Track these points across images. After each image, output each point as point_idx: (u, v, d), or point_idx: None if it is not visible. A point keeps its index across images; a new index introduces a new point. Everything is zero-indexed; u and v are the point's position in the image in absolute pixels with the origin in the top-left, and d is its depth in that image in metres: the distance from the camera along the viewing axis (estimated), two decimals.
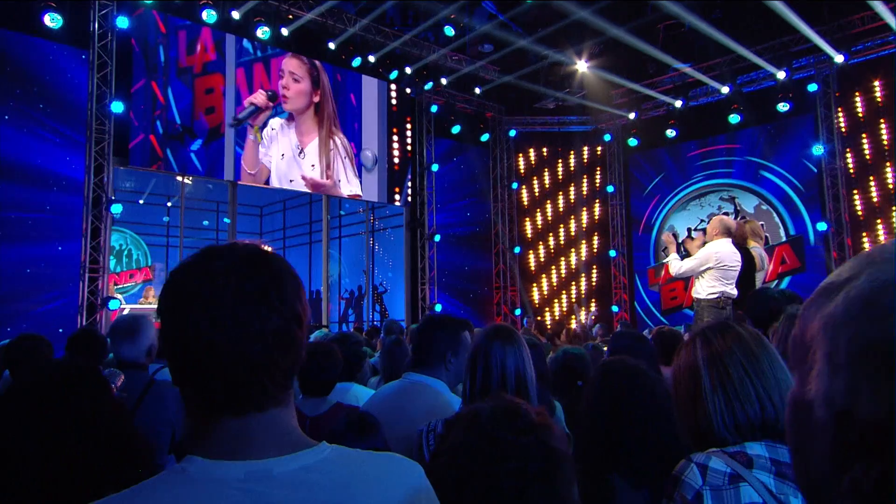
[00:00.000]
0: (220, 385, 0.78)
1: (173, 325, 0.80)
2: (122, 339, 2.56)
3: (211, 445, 0.79)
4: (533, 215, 14.72)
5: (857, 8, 10.35)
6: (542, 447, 1.06)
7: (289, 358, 0.82)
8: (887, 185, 10.68)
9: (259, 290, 0.79)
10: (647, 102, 13.29)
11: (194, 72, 9.72)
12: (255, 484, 0.76)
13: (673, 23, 11.52)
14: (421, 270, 12.51)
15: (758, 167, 12.18)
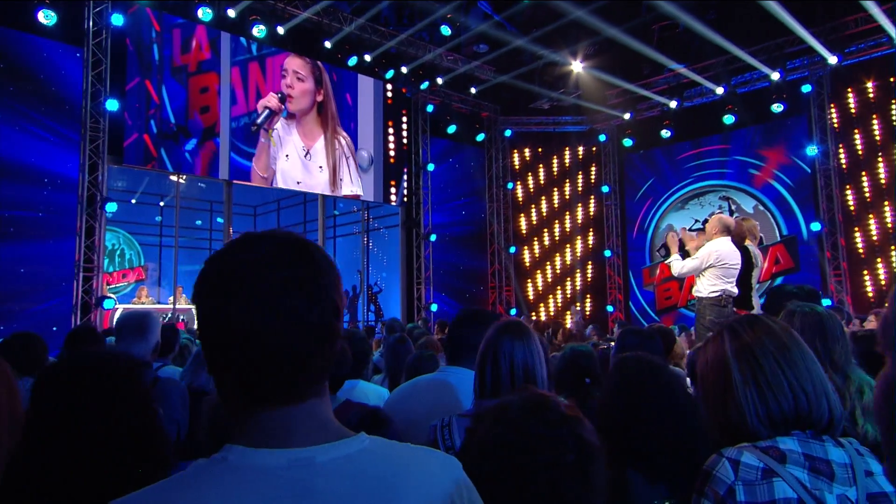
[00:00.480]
0: (261, 375, 0.78)
1: (215, 312, 0.78)
2: (131, 335, 2.54)
3: (251, 434, 0.78)
4: (528, 214, 14.75)
5: (851, 10, 10.43)
6: (575, 439, 1.05)
7: (328, 349, 0.81)
8: (880, 181, 10.76)
9: (302, 281, 0.79)
10: (641, 103, 13.33)
11: (189, 70, 9.66)
12: (298, 472, 0.75)
13: (667, 23, 11.56)
14: (417, 270, 12.50)
15: (753, 168, 12.25)
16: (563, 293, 14.48)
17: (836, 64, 10.93)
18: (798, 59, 11.42)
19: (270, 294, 0.77)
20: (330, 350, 0.82)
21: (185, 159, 9.60)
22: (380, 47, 11.24)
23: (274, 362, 0.77)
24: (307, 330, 0.78)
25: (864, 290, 10.74)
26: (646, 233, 13.77)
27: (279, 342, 0.77)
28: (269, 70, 10.54)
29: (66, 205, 8.43)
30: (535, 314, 13.97)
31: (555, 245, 14.65)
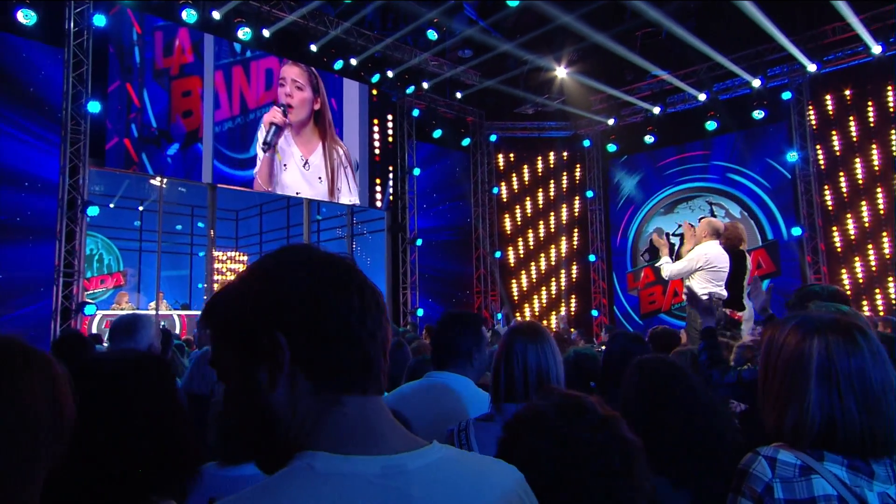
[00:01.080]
0: (349, 362, 0.80)
1: (329, 302, 0.79)
2: (123, 337, 2.47)
3: (332, 439, 0.76)
4: (514, 219, 14.78)
5: (829, 19, 10.63)
6: (619, 441, 1.03)
7: (385, 363, 0.85)
8: (857, 182, 10.99)
9: (377, 299, 0.83)
10: (625, 109, 13.45)
11: (171, 74, 9.52)
12: (392, 480, 0.73)
13: (650, 30, 11.69)
14: (403, 274, 12.45)
15: (734, 173, 12.41)
16: (547, 295, 14.52)
17: (815, 71, 11.13)
18: (778, 66, 11.62)
19: (369, 294, 0.82)
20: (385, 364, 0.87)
21: (167, 164, 9.45)
22: (366, 51, 11.20)
23: (372, 350, 0.80)
24: (383, 346, 0.84)
25: (842, 288, 10.91)
26: (629, 237, 13.88)
27: (369, 336, 0.80)
28: (254, 74, 10.45)
29: (46, 208, 8.25)
30: (521, 316, 13.98)
31: (539, 249, 14.69)
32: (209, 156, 9.81)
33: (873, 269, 10.77)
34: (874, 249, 10.78)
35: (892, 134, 10.73)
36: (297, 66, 10.86)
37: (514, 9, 11.14)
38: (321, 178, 11.01)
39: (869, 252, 10.80)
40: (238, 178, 10.26)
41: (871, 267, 10.77)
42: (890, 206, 10.63)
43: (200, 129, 9.73)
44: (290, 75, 10.75)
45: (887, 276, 10.59)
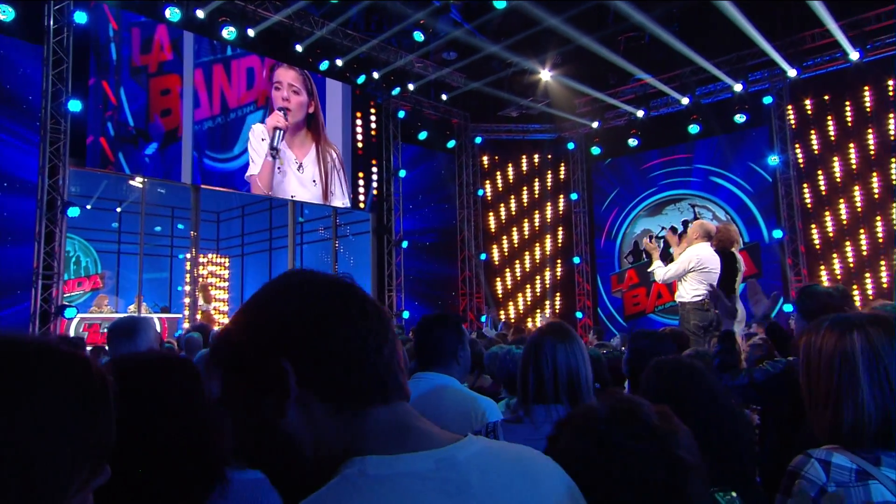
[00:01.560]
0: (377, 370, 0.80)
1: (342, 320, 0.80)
2: (122, 340, 2.41)
3: (375, 444, 0.75)
4: (498, 220, 14.80)
5: (808, 25, 10.83)
6: (666, 456, 0.98)
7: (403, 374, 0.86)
8: (835, 180, 11.21)
9: (379, 313, 0.84)
10: (609, 112, 13.55)
11: (149, 72, 9.30)
12: (447, 472, 0.72)
13: (633, 35, 11.79)
14: (388, 276, 12.38)
15: (716, 176, 12.57)
16: (532, 296, 14.56)
17: (795, 77, 11.32)
18: (759, 71, 11.79)
19: (371, 309, 0.83)
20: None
21: (144, 164, 9.24)
22: (351, 52, 11.15)
23: (381, 363, 0.80)
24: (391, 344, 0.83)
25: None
26: (614, 240, 13.98)
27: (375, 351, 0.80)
28: (235, 72, 10.29)
29: (25, 209, 8.05)
30: (506, 317, 13.98)
31: (523, 250, 14.73)
32: (189, 156, 9.63)
33: (851, 266, 10.98)
34: (852, 246, 11.00)
35: (868, 134, 10.95)
36: (291, 69, 10.83)
37: (500, 11, 11.19)
38: (315, 181, 10.97)
39: (846, 249, 11.01)
40: (219, 179, 10.12)
41: (850, 264, 10.99)
42: (867, 204, 10.86)
43: (180, 128, 9.53)
44: (286, 79, 10.69)
45: (864, 273, 10.80)
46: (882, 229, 10.75)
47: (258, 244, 17.11)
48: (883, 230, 10.75)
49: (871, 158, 10.95)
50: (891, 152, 10.76)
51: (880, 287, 10.67)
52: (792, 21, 10.98)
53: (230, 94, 10.22)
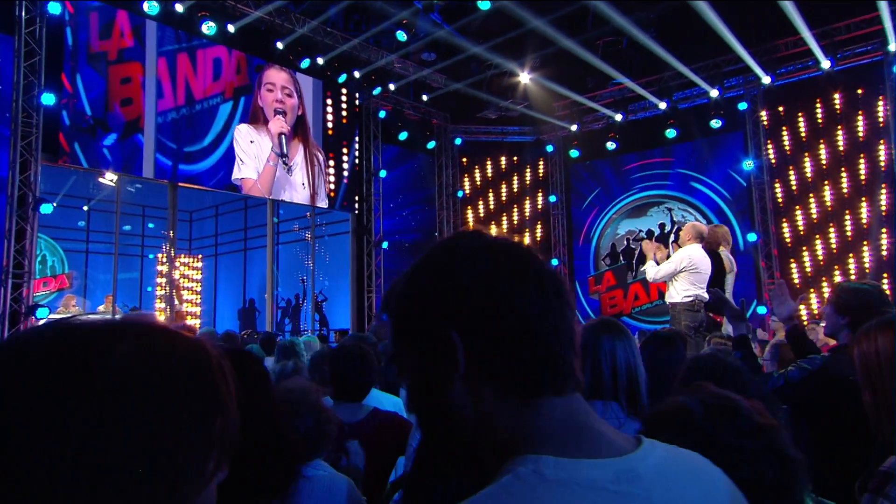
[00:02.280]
0: (548, 359, 0.73)
1: (511, 297, 0.73)
2: None
3: (549, 442, 0.69)
4: (477, 221, 14.80)
5: (782, 34, 11.09)
6: (776, 453, 0.96)
7: (577, 358, 0.79)
8: (806, 178, 11.51)
9: (558, 288, 0.77)
10: (587, 115, 13.67)
11: (108, 59, 8.83)
12: (628, 485, 0.66)
13: (612, 39, 11.92)
14: (368, 278, 12.28)
15: (692, 180, 12.79)
16: None
17: (769, 83, 11.58)
18: (734, 77, 12.03)
19: (549, 283, 0.75)
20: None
21: (103, 156, 8.76)
22: (332, 51, 11.04)
23: (558, 346, 0.73)
24: (572, 339, 0.76)
25: (791, 280, 11.36)
26: (591, 242, 14.10)
27: (552, 330, 0.73)
28: (201, 62, 9.92)
29: None
30: None
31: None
32: (151, 148, 9.21)
33: (821, 261, 11.27)
34: (822, 241, 11.31)
35: (838, 134, 11.25)
36: (283, 71, 10.70)
37: (481, 13, 11.20)
38: (304, 184, 10.86)
39: (818, 247, 11.32)
40: (184, 173, 9.74)
41: (819, 259, 11.29)
42: (837, 202, 11.16)
43: (142, 118, 9.12)
44: (279, 81, 10.56)
45: (833, 267, 11.10)
46: (850, 226, 11.07)
47: (232, 244, 16.83)
48: (852, 227, 11.06)
49: (840, 158, 11.26)
50: (860, 151, 11.08)
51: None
52: (766, 29, 11.24)
53: (196, 85, 9.85)
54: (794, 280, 11.47)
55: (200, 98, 9.92)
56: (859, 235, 11.00)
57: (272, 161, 10.26)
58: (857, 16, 10.61)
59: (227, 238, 16.88)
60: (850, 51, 11.00)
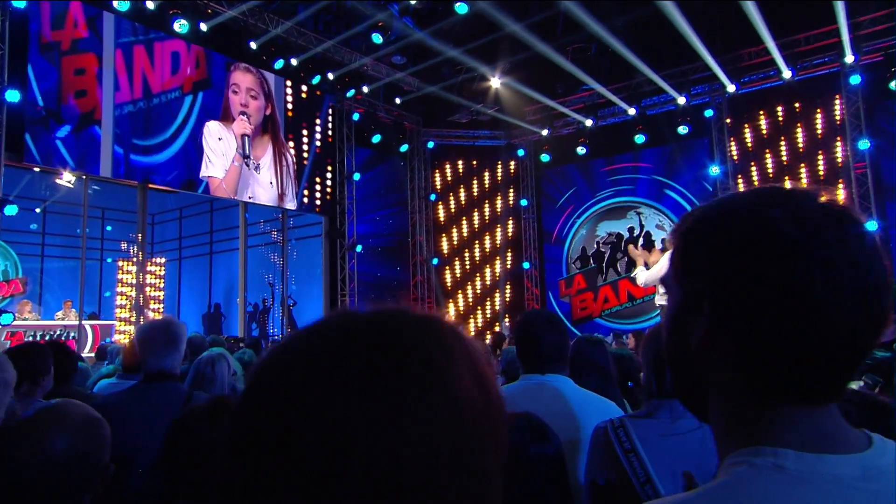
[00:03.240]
0: (826, 363, 0.62)
1: (790, 278, 0.61)
2: (164, 348, 2.24)
3: (787, 431, 0.63)
4: (449, 231, 14.83)
5: (745, 43, 11.48)
6: None
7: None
8: (768, 175, 11.92)
9: (878, 280, 0.62)
10: (558, 120, 13.86)
11: (62, 49, 8.48)
12: (874, 483, 0.61)
13: (581, 46, 12.13)
14: (341, 282, 12.16)
15: (661, 185, 13.10)
16: (482, 301, 14.67)
17: (734, 92, 11.96)
18: (700, 85, 12.38)
19: (859, 264, 0.61)
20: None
21: (56, 149, 8.35)
22: (306, 52, 10.92)
23: (844, 351, 0.62)
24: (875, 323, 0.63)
25: None
26: (562, 245, 14.28)
27: (855, 326, 0.62)
28: (158, 56, 9.59)
29: None
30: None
31: (474, 261, 14.83)
32: (108, 144, 8.86)
33: None
34: None
35: (798, 139, 11.70)
36: (248, 73, 10.49)
37: (452, 17, 11.25)
38: (272, 182, 10.70)
39: None
40: (139, 164, 9.35)
41: None
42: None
43: (97, 111, 8.77)
44: (244, 84, 10.37)
45: None
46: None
47: (196, 248, 16.45)
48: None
49: (800, 159, 11.70)
50: (818, 148, 11.54)
51: None
52: (731, 38, 11.60)
53: (153, 78, 9.54)
54: None
55: (158, 91, 9.58)
56: None
57: (237, 162, 10.09)
58: (816, 28, 11.06)
59: (192, 241, 16.48)
60: (808, 62, 11.46)
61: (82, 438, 1.19)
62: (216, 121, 10.11)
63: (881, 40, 10.68)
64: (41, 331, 10.38)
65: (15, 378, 1.78)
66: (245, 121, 10.24)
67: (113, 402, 2.17)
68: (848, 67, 11.02)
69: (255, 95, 10.59)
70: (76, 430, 1.18)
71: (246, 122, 10.28)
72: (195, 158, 9.99)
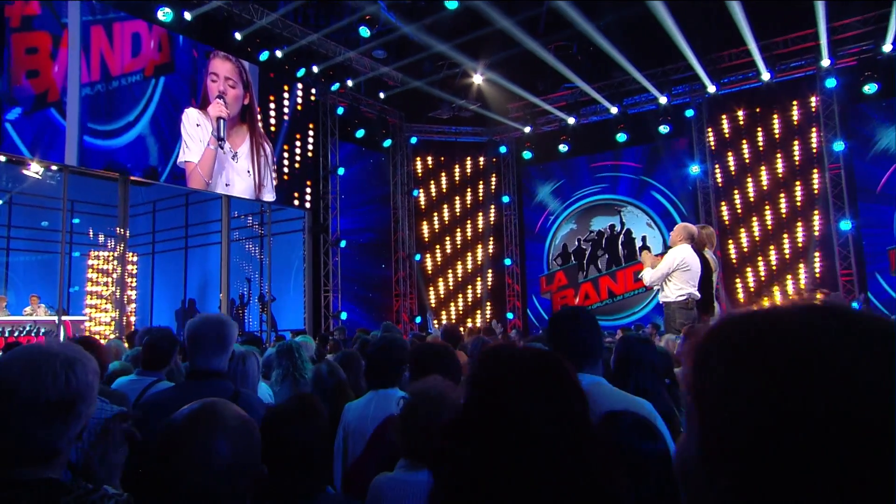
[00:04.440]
0: None
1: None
2: (216, 347, 2.17)
3: None
4: (431, 230, 14.79)
5: (725, 45, 11.69)
6: None
7: None
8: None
9: None
10: (540, 118, 13.92)
11: (11, 25, 8.01)
12: None
13: (563, 44, 12.19)
14: (325, 277, 12.01)
15: (641, 183, 13.28)
16: (464, 301, 14.67)
17: (714, 92, 12.18)
18: (681, 85, 12.57)
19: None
20: None
21: (6, 132, 7.86)
22: (292, 44, 10.74)
23: None
24: None
25: (736, 297, 12.02)
26: (543, 242, 14.37)
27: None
28: (118, 37, 9.10)
29: None
30: (438, 319, 14.00)
31: (456, 257, 14.82)
32: (75, 130, 8.41)
33: (757, 240, 11.97)
34: (751, 229, 12.05)
35: (775, 134, 11.98)
36: (227, 60, 10.22)
37: (438, 14, 11.18)
38: (249, 171, 10.48)
39: (759, 264, 11.97)
40: (95, 147, 8.86)
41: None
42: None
43: (53, 91, 8.29)
44: (222, 72, 10.12)
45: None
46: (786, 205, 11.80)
47: (171, 242, 16.06)
48: (787, 206, 11.79)
49: (777, 155, 11.98)
50: (794, 149, 11.82)
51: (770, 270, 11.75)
52: (713, 39, 11.80)
53: (112, 60, 9.06)
54: (731, 259, 12.12)
55: (118, 74, 9.08)
56: (795, 241, 11.75)
57: (212, 145, 9.83)
58: (795, 32, 11.33)
59: (166, 235, 16.09)
60: (786, 64, 11.73)
61: (241, 442, 1.14)
62: (195, 108, 9.84)
63: (854, 45, 11.00)
64: (9, 327, 10.01)
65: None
66: (221, 103, 10.02)
67: (164, 400, 2.09)
68: (823, 71, 11.32)
69: (234, 84, 10.37)
70: (235, 433, 1.13)
71: (222, 105, 10.05)
72: (157, 146, 9.49)
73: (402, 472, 1.73)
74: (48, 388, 1.21)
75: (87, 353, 1.34)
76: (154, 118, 9.51)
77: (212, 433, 1.11)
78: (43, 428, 1.20)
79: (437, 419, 1.69)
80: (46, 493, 1.17)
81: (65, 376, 1.24)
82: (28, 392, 1.19)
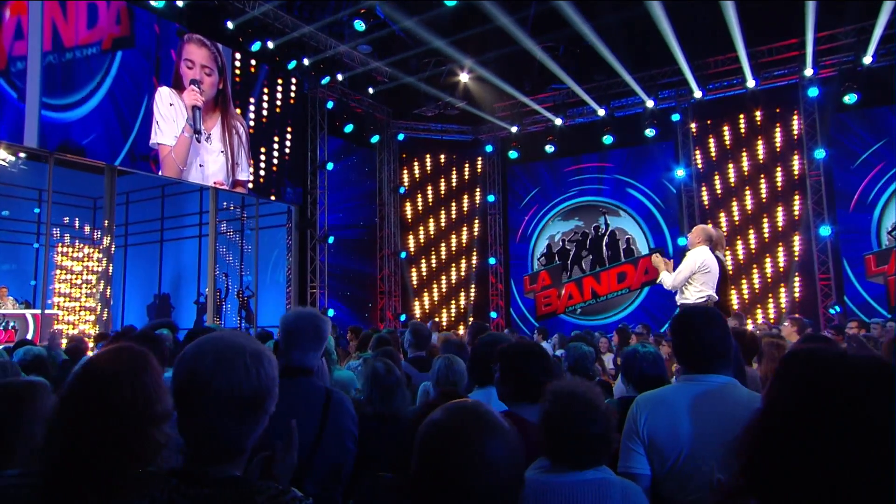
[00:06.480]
0: None
1: None
2: (311, 343, 2.07)
3: None
4: (416, 227, 14.68)
5: (711, 52, 11.91)
6: None
7: None
8: (730, 183, 12.43)
9: None
10: (527, 118, 13.96)
11: None
12: None
13: (549, 45, 12.24)
14: (311, 273, 11.80)
15: (626, 185, 13.43)
16: (448, 298, 14.62)
17: (700, 97, 12.39)
18: (668, 89, 12.75)
19: None
20: None
21: None
22: (284, 36, 10.52)
23: None
24: None
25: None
26: (528, 242, 14.42)
27: None
28: (72, 6, 8.56)
29: None
30: (422, 316, 13.91)
31: (441, 253, 14.75)
32: (35, 107, 7.93)
33: (741, 261, 12.23)
34: (742, 243, 12.26)
35: (758, 146, 12.28)
36: (202, 47, 9.88)
37: (431, 11, 11.09)
38: (223, 150, 10.22)
39: (755, 273, 12.25)
40: (51, 121, 8.31)
41: (740, 260, 12.24)
42: (756, 207, 12.16)
43: (0, 59, 7.72)
44: (198, 60, 9.79)
45: (752, 266, 12.08)
46: (768, 229, 12.12)
47: (145, 234, 15.58)
48: (769, 227, 12.11)
49: (760, 167, 12.28)
50: (777, 157, 12.13)
51: (766, 280, 12.04)
52: (701, 45, 12.00)
53: (66, 32, 8.52)
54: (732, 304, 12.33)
55: (71, 45, 8.55)
56: (775, 238, 12.05)
57: (187, 133, 9.55)
58: (779, 41, 11.61)
59: (140, 228, 15.59)
60: (770, 72, 12.02)
61: (511, 438, 1.07)
62: (168, 87, 9.50)
63: (835, 56, 11.33)
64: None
65: None
66: (196, 91, 9.75)
67: None
68: (806, 80, 11.63)
69: (210, 72, 10.08)
70: (502, 432, 1.06)
71: (197, 94, 9.78)
72: (115, 125, 8.95)
73: (542, 472, 1.67)
74: (241, 382, 1.15)
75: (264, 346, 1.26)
76: (110, 93, 8.92)
77: (482, 434, 1.05)
78: (235, 424, 1.14)
79: (589, 422, 1.63)
80: (241, 491, 1.11)
81: (255, 371, 1.17)
82: (223, 386, 1.13)
